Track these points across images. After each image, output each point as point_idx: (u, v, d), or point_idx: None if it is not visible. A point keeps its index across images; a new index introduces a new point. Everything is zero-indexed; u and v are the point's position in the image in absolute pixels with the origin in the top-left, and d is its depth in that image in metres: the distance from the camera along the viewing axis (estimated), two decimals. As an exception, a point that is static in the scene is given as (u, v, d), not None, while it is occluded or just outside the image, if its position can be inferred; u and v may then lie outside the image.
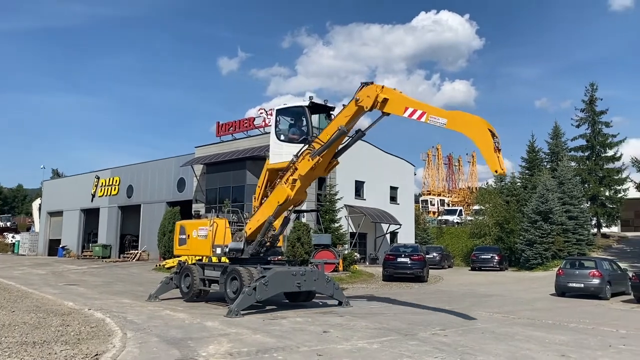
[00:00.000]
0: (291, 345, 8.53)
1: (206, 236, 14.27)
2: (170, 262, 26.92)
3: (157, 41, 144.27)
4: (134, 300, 14.90)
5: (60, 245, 47.42)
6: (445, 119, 12.20)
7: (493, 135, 11.39)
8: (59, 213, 50.33)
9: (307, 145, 13.54)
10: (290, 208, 14.58)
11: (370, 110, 12.95)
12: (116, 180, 44.59)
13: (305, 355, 7.84)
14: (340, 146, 13.79)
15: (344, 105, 13.56)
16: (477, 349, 8.60)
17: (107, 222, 44.75)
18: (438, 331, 10.45)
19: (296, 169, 13.72)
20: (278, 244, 15.20)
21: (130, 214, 43.75)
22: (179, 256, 19.45)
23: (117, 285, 20.32)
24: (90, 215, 47.44)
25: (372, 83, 13.09)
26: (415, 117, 12.54)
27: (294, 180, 13.72)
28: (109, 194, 45.14)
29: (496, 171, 11.58)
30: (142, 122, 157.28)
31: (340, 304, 14.26)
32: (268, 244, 14.54)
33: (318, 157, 13.32)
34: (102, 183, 45.93)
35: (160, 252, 34.12)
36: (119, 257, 41.46)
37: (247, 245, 14.25)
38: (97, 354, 7.62)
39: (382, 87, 12.93)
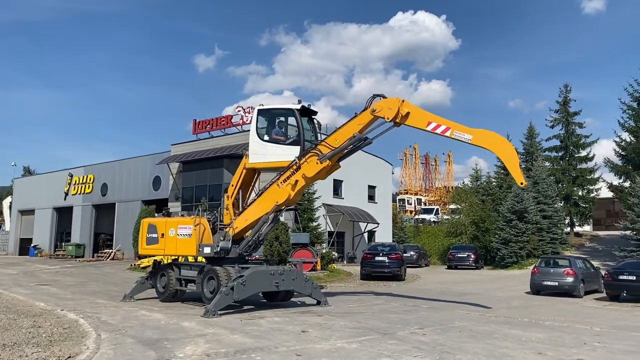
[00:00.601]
0: (269, 346, 8.43)
1: (190, 235, 13.93)
2: (146, 262, 26.52)
3: (132, 37, 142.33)
4: (108, 301, 14.61)
5: (32, 245, 46.41)
6: (470, 135, 13.31)
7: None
8: (30, 211, 49.26)
9: (313, 148, 13.96)
10: (283, 208, 14.65)
11: (391, 121, 13.68)
12: (90, 178, 43.81)
13: (284, 356, 7.76)
14: (346, 151, 14.23)
15: (355, 113, 14.16)
16: (455, 348, 8.62)
17: (81, 221, 43.94)
18: (416, 330, 10.47)
19: (297, 169, 13.97)
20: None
21: (104, 212, 43.05)
22: (152, 255, 19.14)
23: (91, 285, 19.92)
24: (63, 214, 46.53)
25: (383, 96, 13.91)
26: (439, 131, 13.50)
27: (296, 182, 13.97)
28: (82, 192, 44.34)
29: (522, 183, 13.09)
30: (117, 120, 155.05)
31: (318, 303, 14.20)
32: (254, 243, 14.56)
33: (328, 161, 13.79)
34: (76, 181, 45.09)
35: (135, 251, 33.63)
36: (93, 257, 40.80)
37: (232, 244, 14.10)
38: (70, 356, 7.42)
39: (403, 100, 13.70)
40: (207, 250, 13.83)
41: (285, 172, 14.25)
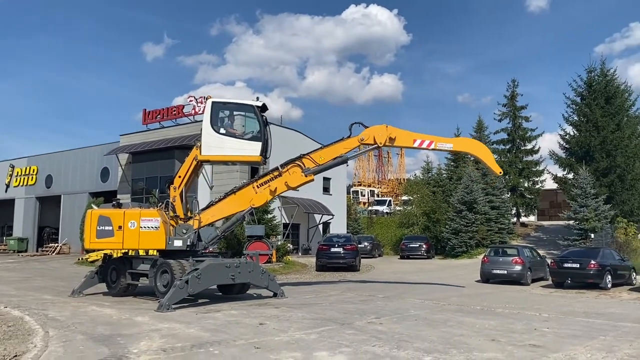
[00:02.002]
0: (227, 339, 8.30)
1: (158, 228, 13.45)
2: (95, 256, 25.69)
3: (78, 24, 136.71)
4: (55, 297, 14.03)
5: (-30, 239, 44.20)
6: (450, 144, 15.85)
7: None
8: (-33, 204, 46.84)
9: (297, 160, 14.95)
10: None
11: (383, 146, 15.48)
12: (33, 170, 42.03)
13: (242, 349, 7.65)
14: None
15: (342, 137, 15.45)
16: (412, 336, 8.74)
17: (24, 214, 42.14)
18: (373, 319, 10.55)
19: (277, 176, 14.77)
20: None
21: (49, 205, 41.41)
22: (101, 249, 18.43)
23: (36, 281, 19.12)
24: (4, 207, 44.44)
25: (362, 124, 15.29)
26: (424, 145, 15.59)
27: (276, 188, 14.77)
28: (25, 184, 42.49)
29: (500, 173, 16.26)
30: (62, 109, 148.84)
31: (275, 295, 14.11)
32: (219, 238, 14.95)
33: (312, 176, 15.03)
34: (18, 172, 43.15)
35: (82, 245, 32.51)
36: (37, 251, 39.23)
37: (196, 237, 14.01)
38: (16, 355, 7.05)
39: (387, 126, 15.31)
40: (178, 243, 13.49)
41: (263, 176, 14.95)
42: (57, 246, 37.77)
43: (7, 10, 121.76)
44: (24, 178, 42.60)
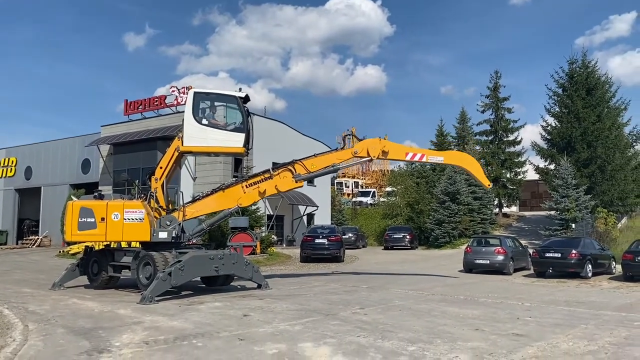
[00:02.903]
0: (211, 331, 8.23)
1: (142, 220, 13.25)
2: (76, 248, 25.36)
3: (57, 12, 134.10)
4: (35, 290, 13.82)
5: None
6: (441, 157, 16.51)
7: None
8: (-56, 197, 45.86)
9: (289, 164, 15.16)
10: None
11: (376, 158, 15.98)
12: (12, 161, 41.30)
13: (227, 341, 7.59)
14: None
15: (336, 148, 16.26)
16: (397, 326, 8.76)
17: (3, 206, 41.46)
18: (358, 310, 10.56)
19: (267, 178, 14.90)
20: None
21: (29, 197, 40.76)
22: (83, 242, 18.17)
23: (16, 274, 18.81)
24: (-18, 199, 43.62)
25: (354, 134, 15.98)
26: (416, 159, 16.36)
27: (265, 190, 14.87)
28: (4, 175, 41.76)
29: (489, 186, 17.33)
30: (41, 100, 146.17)
31: (259, 286, 14.05)
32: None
33: (302, 182, 15.44)
34: (-4, 164, 42.35)
35: (63, 237, 32.08)
36: (17, 244, 38.64)
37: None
38: (-6, 350, 6.92)
39: (381, 140, 15.77)
40: (163, 235, 13.36)
41: (253, 176, 15.18)
42: (38, 239, 37.22)
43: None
44: (3, 170, 41.86)
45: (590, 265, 18.18)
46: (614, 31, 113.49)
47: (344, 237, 28.57)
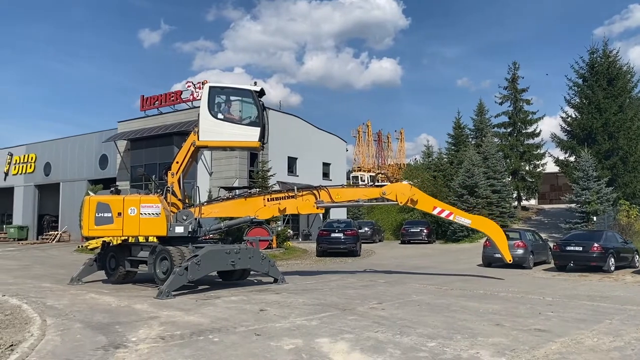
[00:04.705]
0: (227, 326, 8.16)
1: (159, 214, 13.25)
2: (95, 243, 25.57)
3: (73, 10, 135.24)
4: (54, 284, 13.91)
5: (-30, 228, 44.12)
6: (469, 220, 15.77)
7: None
8: (-33, 193, 46.71)
9: (314, 189, 15.20)
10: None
11: (403, 205, 15.74)
12: (32, 158, 41.84)
13: (243, 336, 7.51)
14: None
15: (365, 185, 15.88)
16: (415, 322, 8.60)
17: (23, 202, 42.03)
18: (375, 305, 10.43)
19: (290, 197, 14.93)
20: None
21: (48, 192, 41.30)
22: (101, 237, 18.28)
23: (36, 269, 19.02)
24: (4, 195, 44.35)
25: (385, 175, 15.58)
26: (443, 215, 15.64)
27: (285, 208, 15.02)
28: (24, 172, 42.32)
29: (510, 260, 16.10)
30: (59, 97, 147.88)
31: (275, 281, 14.00)
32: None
33: (323, 209, 15.74)
34: (16, 160, 42.97)
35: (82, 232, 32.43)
36: (37, 239, 39.18)
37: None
38: (12, 344, 6.91)
39: (411, 187, 15.69)
40: (179, 229, 13.36)
41: (277, 192, 15.63)
42: (57, 234, 37.70)
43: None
44: (23, 166, 42.42)
45: (612, 259, 17.78)
46: (634, 20, 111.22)
47: (360, 231, 28.38)
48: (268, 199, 14.95)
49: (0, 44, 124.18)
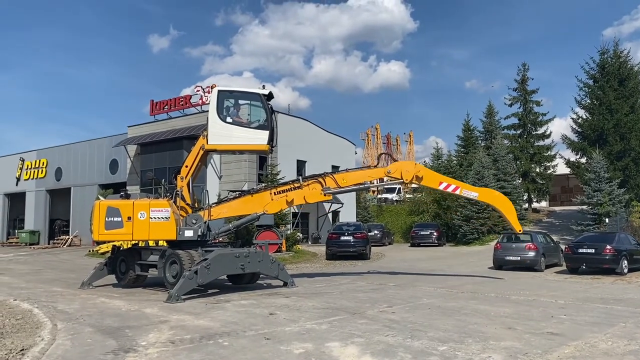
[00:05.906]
0: (237, 330, 8.14)
1: (168, 218, 13.27)
2: (105, 247, 25.68)
3: (82, 16, 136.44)
4: (65, 289, 13.98)
5: (-17, 233, 44.53)
6: (476, 192, 15.78)
7: None
8: (-20, 198, 47.17)
9: (319, 176, 14.94)
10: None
11: (409, 182, 15.49)
12: (43, 163, 42.18)
13: (253, 340, 7.49)
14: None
15: (369, 166, 15.83)
16: (426, 325, 8.54)
17: (35, 207, 42.36)
18: (386, 308, 10.36)
19: (296, 188, 14.74)
20: None
21: (59, 197, 41.61)
22: (111, 241, 18.38)
23: (47, 273, 19.13)
24: (16, 200, 44.77)
25: (389, 155, 15.54)
26: (449, 189, 15.53)
27: (292, 200, 14.78)
28: (35, 177, 42.68)
29: (520, 230, 16.10)
30: (69, 101, 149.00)
31: (285, 284, 13.96)
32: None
33: (330, 196, 15.24)
34: (28, 165, 43.34)
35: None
36: (49, 243, 39.45)
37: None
38: (23, 349, 6.94)
39: (416, 164, 15.69)
40: (189, 233, 13.38)
41: (283, 185, 15.22)
42: (68, 238, 37.94)
43: (11, 2, 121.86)
44: (34, 171, 42.77)
45: (625, 261, 17.59)
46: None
47: (369, 234, 28.32)
48: (275, 192, 14.82)
49: (10, 49, 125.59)
